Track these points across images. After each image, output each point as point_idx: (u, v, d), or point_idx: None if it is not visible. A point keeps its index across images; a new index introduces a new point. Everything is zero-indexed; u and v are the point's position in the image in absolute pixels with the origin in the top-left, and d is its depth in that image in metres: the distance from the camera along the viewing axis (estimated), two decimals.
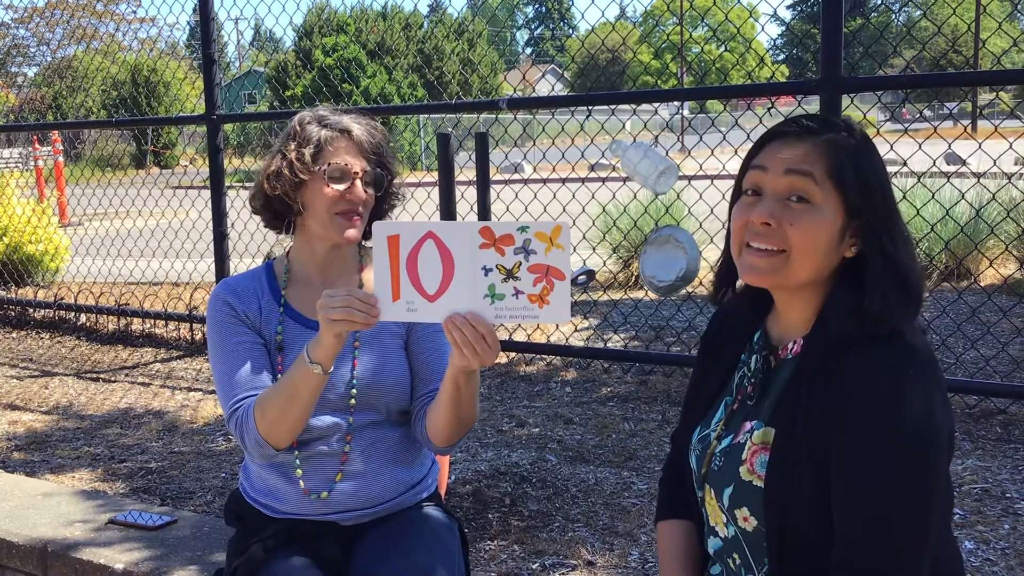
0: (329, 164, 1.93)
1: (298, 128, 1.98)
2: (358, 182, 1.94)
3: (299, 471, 1.95)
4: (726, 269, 1.58)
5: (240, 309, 1.98)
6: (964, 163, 4.58)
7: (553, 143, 5.21)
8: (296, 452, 1.95)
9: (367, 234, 1.95)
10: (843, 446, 1.36)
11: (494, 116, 5.30)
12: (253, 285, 2.03)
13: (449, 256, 1.63)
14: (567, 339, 5.32)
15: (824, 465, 1.38)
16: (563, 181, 4.98)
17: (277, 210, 2.01)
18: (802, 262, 1.42)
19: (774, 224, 1.41)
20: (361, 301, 1.67)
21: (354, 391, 1.95)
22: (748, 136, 3.30)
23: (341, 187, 1.93)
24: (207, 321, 2.02)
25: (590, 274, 6.49)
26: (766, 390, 1.52)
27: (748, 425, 1.50)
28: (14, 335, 6.52)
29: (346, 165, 1.93)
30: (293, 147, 1.95)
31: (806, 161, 1.41)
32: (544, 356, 5.01)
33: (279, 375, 1.94)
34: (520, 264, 1.61)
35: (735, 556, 1.53)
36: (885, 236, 1.41)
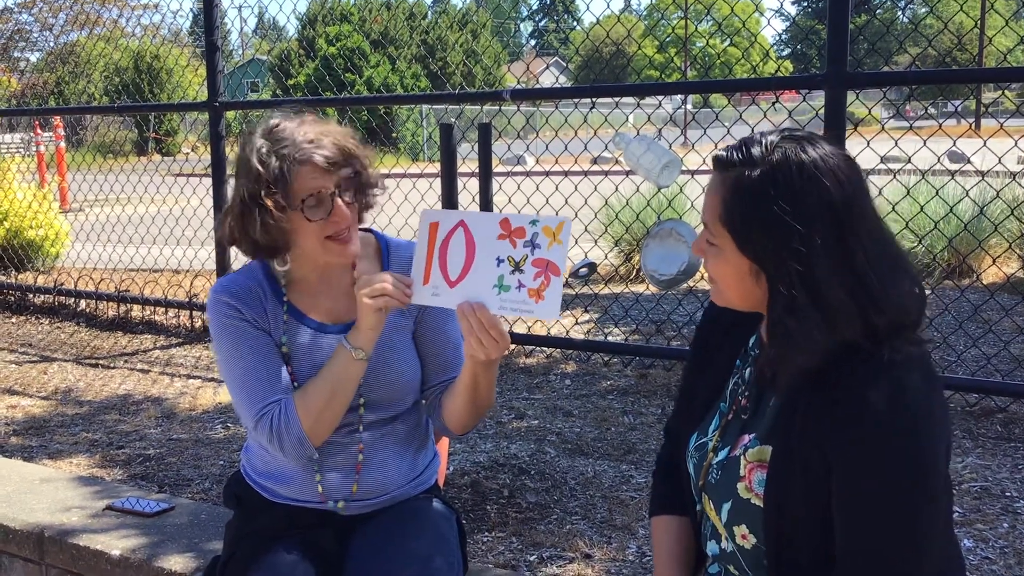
0: (303, 201, 1.80)
1: (257, 167, 1.80)
2: (337, 200, 1.82)
3: (318, 475, 1.94)
4: None
5: (249, 316, 1.91)
6: (968, 160, 4.56)
7: (556, 135, 5.19)
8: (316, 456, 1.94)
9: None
10: (840, 460, 1.35)
11: (497, 107, 5.29)
12: (252, 285, 1.94)
13: (473, 245, 1.69)
14: (567, 331, 5.31)
15: (823, 483, 1.36)
16: (566, 173, 4.97)
17: (266, 250, 1.90)
18: (728, 293, 1.46)
19: (703, 257, 1.48)
20: (399, 281, 1.75)
21: (362, 400, 1.93)
22: (752, 130, 3.28)
23: (323, 215, 1.82)
24: (211, 326, 1.94)
25: (591, 267, 6.47)
26: (760, 402, 1.51)
27: (746, 439, 1.49)
28: (13, 320, 6.51)
29: (320, 192, 1.81)
30: (262, 194, 1.80)
31: (707, 209, 1.44)
32: (544, 348, 5.00)
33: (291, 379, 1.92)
34: (527, 257, 1.64)
35: (734, 569, 1.52)
36: (786, 273, 1.35)
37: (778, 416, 1.44)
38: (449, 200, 4.56)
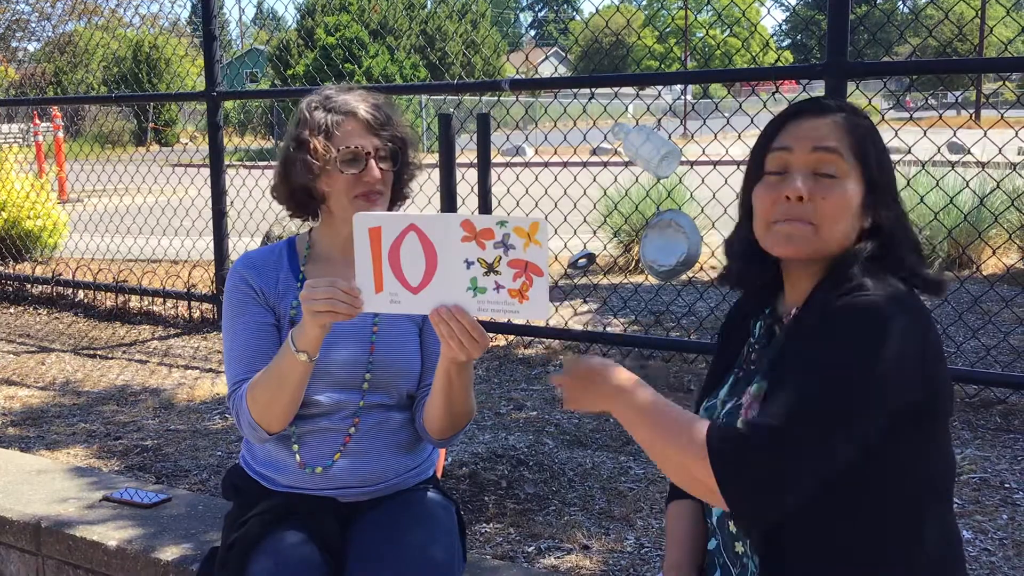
0: (339, 150, 1.91)
1: (306, 115, 1.95)
2: (372, 162, 1.93)
3: (295, 445, 1.96)
4: (740, 248, 1.60)
5: (257, 285, 1.98)
6: (968, 151, 4.55)
7: (555, 125, 5.17)
8: (294, 427, 1.95)
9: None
10: (791, 349, 1.43)
11: (496, 98, 5.26)
12: (273, 260, 2.03)
13: (432, 248, 1.63)
14: (566, 323, 5.30)
15: None
16: (565, 164, 4.95)
17: (300, 201, 2.01)
18: (831, 233, 1.47)
19: (807, 199, 1.46)
20: (344, 292, 1.68)
21: (368, 375, 1.95)
22: (752, 121, 3.27)
23: (355, 171, 1.92)
24: (224, 293, 2.03)
25: (590, 257, 6.45)
26: (768, 353, 1.55)
27: (752, 388, 1.52)
28: (12, 310, 6.50)
29: (357, 147, 1.92)
30: (305, 135, 1.93)
31: (831, 138, 1.48)
32: (543, 339, 5.00)
33: None
34: (500, 259, 1.60)
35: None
36: (898, 208, 1.51)
37: (777, 356, 1.48)
38: (448, 191, 4.55)
